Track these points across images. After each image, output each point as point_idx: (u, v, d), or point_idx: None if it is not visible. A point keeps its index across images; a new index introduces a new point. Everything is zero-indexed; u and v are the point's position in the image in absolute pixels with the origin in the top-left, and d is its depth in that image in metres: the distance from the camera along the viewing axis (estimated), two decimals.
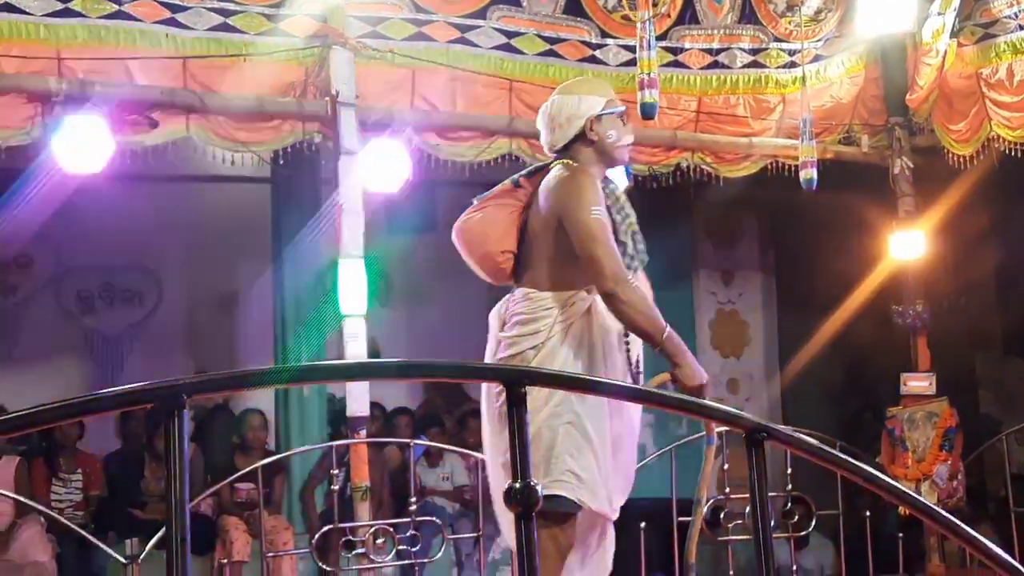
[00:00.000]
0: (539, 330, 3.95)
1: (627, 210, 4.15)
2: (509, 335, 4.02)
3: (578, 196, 3.95)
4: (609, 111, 4.14)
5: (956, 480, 7.14)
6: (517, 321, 4.01)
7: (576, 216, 3.92)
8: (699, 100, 7.42)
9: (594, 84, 4.36)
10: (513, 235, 4.16)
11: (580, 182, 4.00)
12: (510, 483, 2.01)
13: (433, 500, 7.95)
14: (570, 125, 4.13)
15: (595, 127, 4.11)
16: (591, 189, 3.98)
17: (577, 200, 3.94)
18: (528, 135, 7.00)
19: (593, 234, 3.87)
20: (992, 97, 7.01)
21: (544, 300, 3.98)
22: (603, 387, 2.52)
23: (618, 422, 3.98)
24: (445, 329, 10.10)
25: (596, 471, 3.91)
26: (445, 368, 2.29)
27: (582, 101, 4.14)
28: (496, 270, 4.22)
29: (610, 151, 4.15)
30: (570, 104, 4.15)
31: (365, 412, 6.43)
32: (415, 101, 6.74)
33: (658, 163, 7.33)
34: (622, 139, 4.17)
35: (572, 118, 4.12)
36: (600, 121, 4.12)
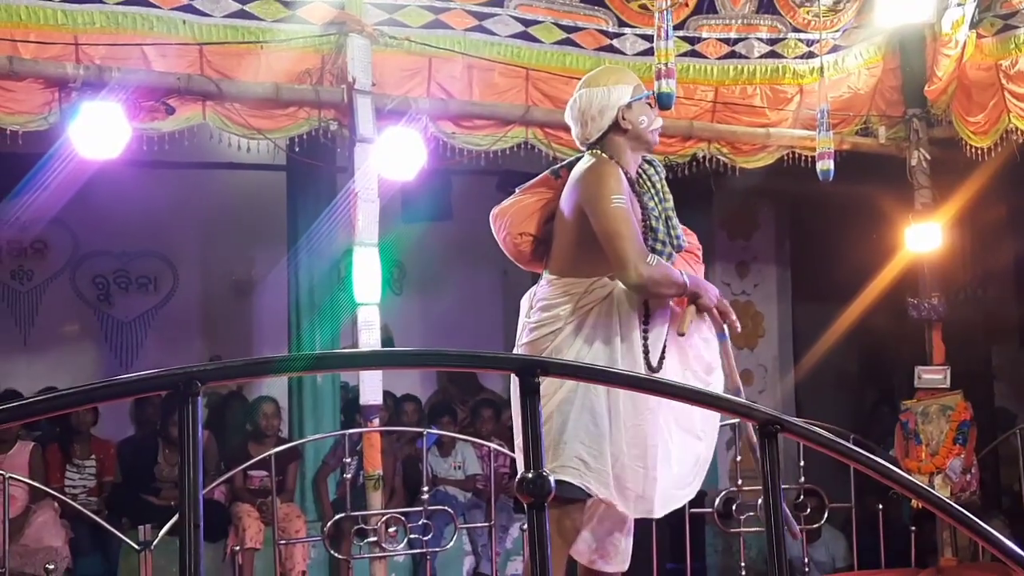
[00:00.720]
0: (558, 316, 4.01)
1: (663, 195, 4.22)
2: (532, 320, 4.09)
3: (599, 186, 3.99)
4: (638, 97, 4.20)
5: (969, 474, 7.12)
6: (540, 307, 4.08)
7: (597, 205, 3.97)
8: (716, 90, 7.39)
9: (619, 73, 4.38)
10: (535, 220, 4.24)
11: (602, 172, 4.04)
12: (521, 472, 2.01)
13: (445, 489, 7.96)
14: (603, 117, 4.17)
15: (627, 115, 4.16)
16: (613, 178, 4.01)
17: (598, 189, 3.99)
18: (544, 124, 6.99)
19: (614, 225, 3.93)
20: (1011, 89, 6.97)
21: (565, 286, 4.04)
22: (616, 378, 2.51)
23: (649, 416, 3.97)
24: (459, 317, 10.12)
25: (607, 459, 3.91)
26: (458, 357, 2.28)
27: (611, 91, 4.18)
28: (516, 251, 4.31)
29: (644, 136, 4.20)
30: (600, 96, 4.19)
31: (378, 400, 6.44)
32: (431, 89, 6.73)
33: (674, 153, 7.30)
34: (653, 123, 4.23)
35: (604, 109, 4.16)
36: (631, 108, 4.17)
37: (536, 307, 4.10)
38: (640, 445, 3.94)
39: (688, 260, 4.28)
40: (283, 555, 6.73)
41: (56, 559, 6.33)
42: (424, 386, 10.19)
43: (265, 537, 7.03)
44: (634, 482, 3.96)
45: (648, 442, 3.95)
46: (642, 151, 4.23)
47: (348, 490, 6.14)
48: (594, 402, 3.92)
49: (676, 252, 4.17)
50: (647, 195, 4.16)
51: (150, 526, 5.80)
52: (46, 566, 5.52)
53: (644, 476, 3.97)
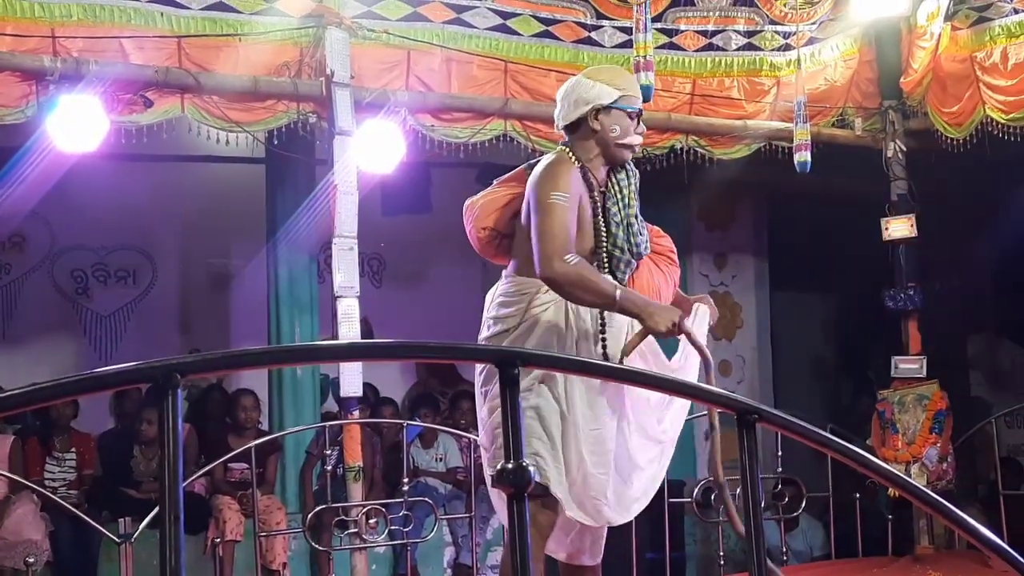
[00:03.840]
0: (510, 315, 3.95)
1: (628, 200, 4.09)
2: (490, 316, 4.04)
3: (545, 180, 3.92)
4: (620, 106, 4.05)
5: (946, 462, 7.18)
6: (497, 303, 4.03)
7: (535, 200, 3.90)
8: (694, 82, 7.42)
9: (616, 75, 4.22)
10: (498, 214, 4.17)
11: (554, 169, 3.96)
12: (502, 463, 2.02)
13: (426, 481, 7.97)
14: (575, 108, 4.07)
15: (600, 117, 4.04)
16: (562, 177, 3.92)
17: (543, 184, 3.91)
18: (523, 116, 7.01)
19: (543, 219, 3.84)
20: (986, 81, 7.02)
21: (520, 284, 3.98)
22: (594, 368, 2.53)
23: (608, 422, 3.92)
24: (439, 310, 10.11)
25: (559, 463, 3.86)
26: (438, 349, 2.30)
27: (595, 87, 4.07)
28: (479, 245, 4.29)
29: (609, 145, 4.06)
30: (584, 87, 4.09)
31: (358, 392, 6.45)
32: (410, 82, 6.74)
33: (652, 145, 7.33)
34: (625, 137, 4.07)
35: (580, 101, 4.07)
36: (608, 113, 4.04)
37: (495, 302, 4.05)
38: (600, 452, 3.90)
39: (659, 263, 4.19)
40: (264, 547, 6.73)
41: (36, 552, 6.30)
42: (404, 379, 10.19)
43: (245, 529, 7.03)
44: (597, 489, 3.93)
45: (608, 446, 3.91)
46: (606, 160, 4.09)
47: (329, 482, 6.14)
48: (542, 409, 3.85)
49: (635, 259, 4.06)
50: (611, 199, 4.05)
51: (130, 519, 5.80)
52: (26, 559, 5.51)
53: (607, 482, 3.94)
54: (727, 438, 7.47)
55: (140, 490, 7.42)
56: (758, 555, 2.24)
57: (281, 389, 7.96)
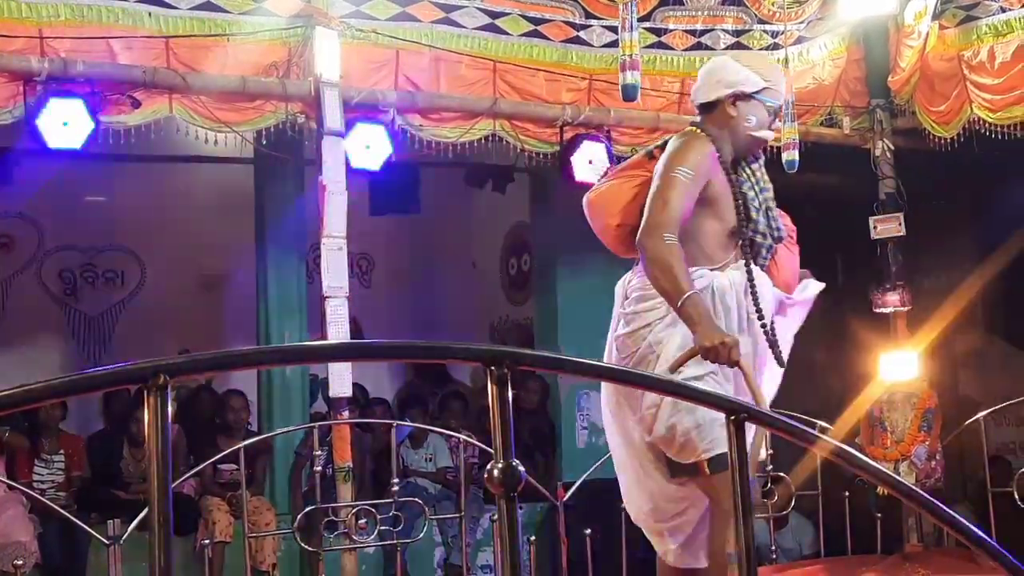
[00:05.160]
0: (657, 306, 3.83)
1: (763, 183, 4.02)
2: (628, 311, 3.92)
3: (675, 153, 3.83)
4: (762, 97, 3.96)
5: (934, 461, 7.19)
6: (635, 298, 3.91)
7: (660, 168, 3.81)
8: (682, 82, 7.42)
9: (766, 66, 4.10)
10: (630, 207, 3.99)
11: (687, 144, 3.87)
12: (493, 463, 2.02)
13: (415, 481, 7.97)
14: (715, 88, 3.99)
15: (738, 103, 3.96)
16: (693, 151, 3.83)
17: (672, 156, 3.82)
18: (512, 116, 7.01)
19: (658, 187, 3.75)
20: (973, 79, 7.04)
21: None
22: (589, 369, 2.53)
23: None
24: (428, 309, 10.12)
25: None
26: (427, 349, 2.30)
27: (741, 72, 3.97)
28: (614, 242, 4.13)
29: (741, 135, 3.97)
30: (730, 70, 4.00)
31: (347, 393, 6.45)
32: (399, 82, 6.73)
33: (640, 145, 7.31)
34: (759, 130, 3.98)
35: (722, 83, 3.98)
36: (748, 101, 3.96)
37: (631, 297, 3.92)
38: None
39: (788, 244, 4.12)
40: (253, 548, 6.73)
41: (24, 554, 6.27)
42: (393, 379, 10.19)
43: (235, 530, 7.03)
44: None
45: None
46: (737, 149, 4.00)
47: (318, 483, 6.14)
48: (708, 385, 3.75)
49: (776, 243, 3.99)
50: (746, 183, 3.96)
51: (119, 520, 5.78)
52: (14, 562, 5.48)
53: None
54: None
55: (129, 491, 7.42)
56: (747, 554, 2.25)
57: (270, 390, 7.96)
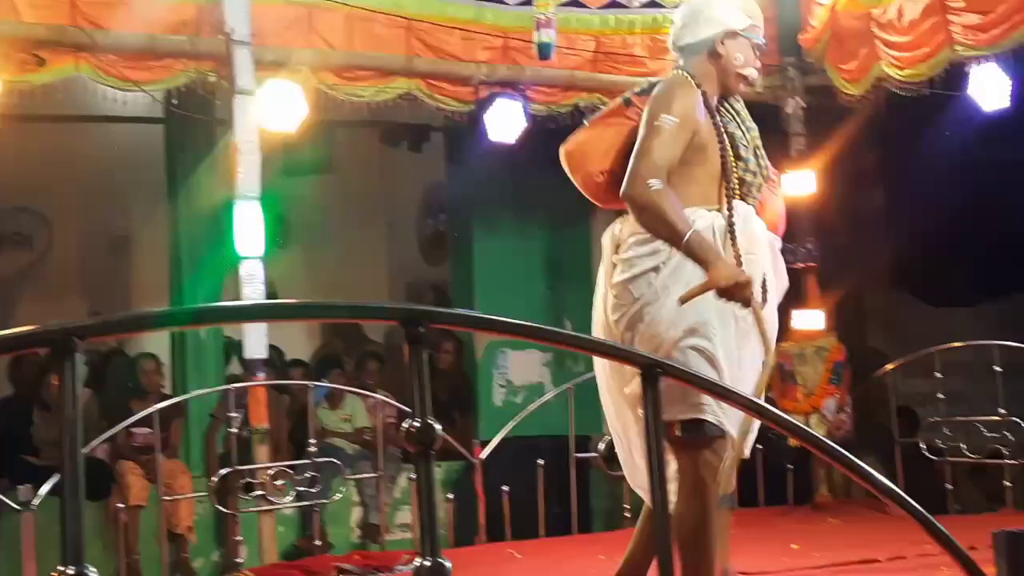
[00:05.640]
0: (659, 250, 3.72)
1: (748, 124, 3.95)
2: (627, 256, 3.79)
3: (660, 100, 3.74)
4: (748, 34, 3.89)
5: (844, 413, 7.35)
6: (634, 242, 3.79)
7: (646, 115, 3.73)
8: (597, 40, 7.43)
9: (749, 3, 4.00)
10: (614, 155, 3.89)
11: (673, 90, 3.78)
12: (409, 421, 2.02)
13: (333, 442, 7.95)
14: (704, 27, 3.88)
15: (727, 42, 3.87)
16: (679, 99, 3.75)
17: (657, 102, 3.74)
18: (427, 74, 6.97)
19: (643, 135, 3.68)
20: (882, 37, 7.11)
21: None
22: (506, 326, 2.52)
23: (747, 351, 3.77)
24: (344, 270, 10.07)
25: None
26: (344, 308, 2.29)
27: (728, 9, 3.89)
28: (597, 192, 4.00)
29: (729, 74, 3.89)
30: (717, 7, 3.90)
31: (263, 354, 6.41)
32: (312, 40, 6.65)
33: (556, 103, 7.34)
34: (746, 68, 3.90)
35: (711, 21, 3.88)
36: (735, 39, 3.88)
37: (630, 241, 3.79)
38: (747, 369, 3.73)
39: (770, 185, 4.05)
40: (168, 512, 6.67)
41: None
42: (309, 340, 10.14)
43: (150, 494, 6.96)
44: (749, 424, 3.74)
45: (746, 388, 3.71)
46: (723, 89, 3.91)
47: (234, 445, 6.11)
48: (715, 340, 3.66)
49: (766, 182, 3.93)
50: (732, 124, 3.88)
51: (30, 486, 5.70)
52: None
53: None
54: None
55: (41, 457, 7.31)
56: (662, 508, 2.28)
57: (184, 352, 7.88)
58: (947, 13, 6.75)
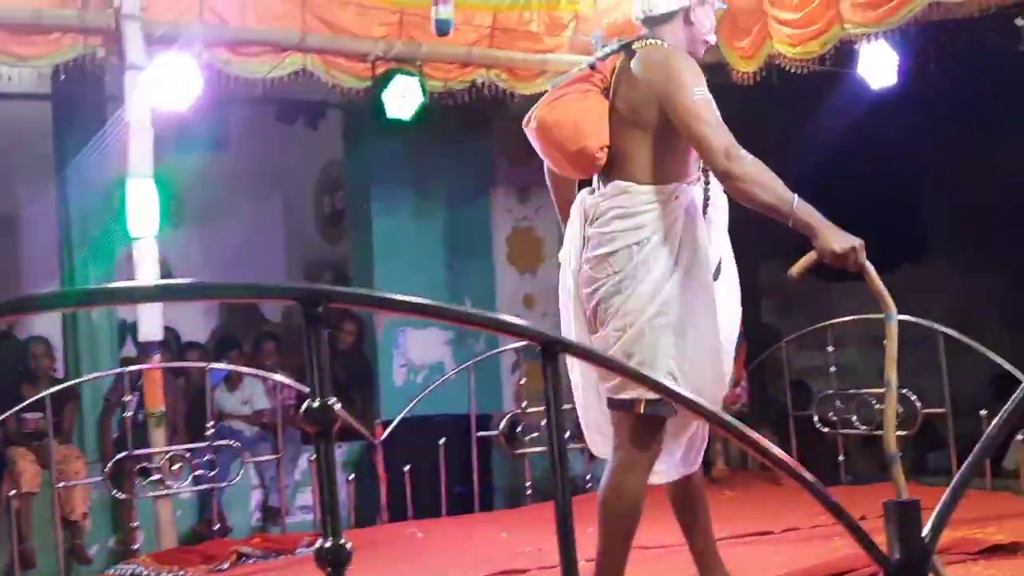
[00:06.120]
0: (642, 225, 3.71)
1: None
2: (605, 231, 3.76)
3: (680, 77, 3.68)
4: (712, 1, 3.91)
5: (740, 387, 7.46)
6: (615, 216, 3.75)
7: (677, 100, 3.64)
8: (494, 16, 7.41)
9: None
10: (607, 127, 3.81)
11: (680, 63, 3.73)
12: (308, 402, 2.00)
13: (230, 424, 7.87)
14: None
15: (698, 10, 3.87)
16: (692, 70, 3.71)
17: (679, 81, 3.66)
18: (322, 50, 6.90)
19: (697, 113, 3.61)
20: (774, 15, 7.18)
21: (645, 194, 3.73)
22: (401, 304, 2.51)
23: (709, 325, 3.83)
24: (240, 249, 9.95)
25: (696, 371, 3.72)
26: (239, 288, 2.25)
27: None
28: (590, 165, 3.87)
29: (698, 41, 3.91)
30: None
31: (158, 336, 6.31)
32: (204, 14, 6.54)
33: (453, 80, 7.32)
34: (710, 35, 3.94)
35: None
36: (703, 5, 3.88)
37: (609, 215, 3.76)
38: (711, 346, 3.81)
39: None
40: (62, 498, 6.54)
41: None
42: (207, 321, 10.02)
43: (43, 480, 6.83)
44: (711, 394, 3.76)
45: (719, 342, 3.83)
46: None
47: (130, 429, 6.01)
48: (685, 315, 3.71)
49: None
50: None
51: None
52: None
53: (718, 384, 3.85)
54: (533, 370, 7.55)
55: None
56: (562, 484, 2.29)
57: (76, 335, 7.74)
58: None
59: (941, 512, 2.34)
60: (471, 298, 8.79)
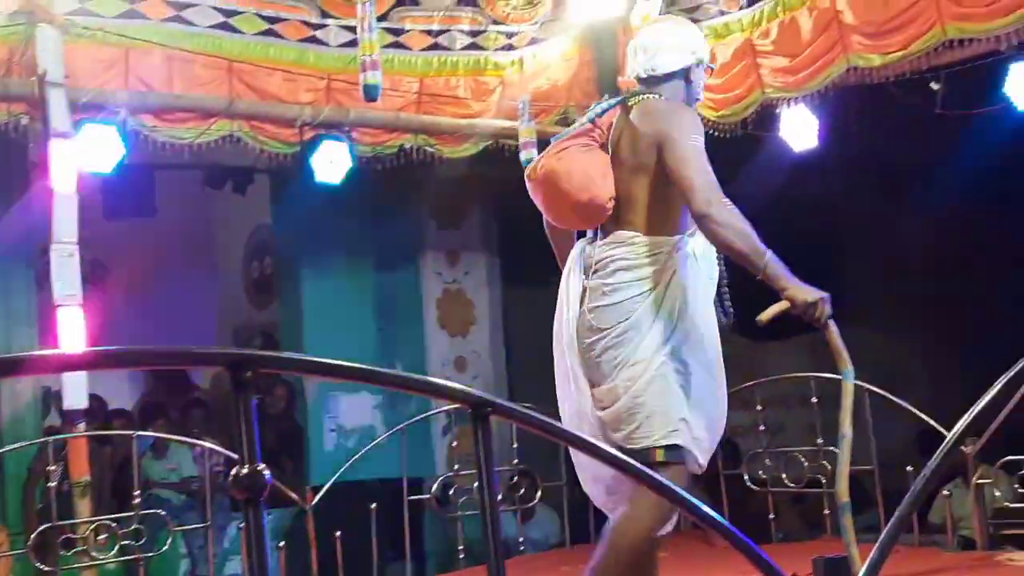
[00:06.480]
0: (646, 276, 3.78)
1: None
2: (609, 282, 3.81)
3: (679, 124, 3.79)
4: (708, 63, 4.05)
5: None
6: (620, 267, 3.81)
7: (673, 140, 3.74)
8: (421, 81, 7.47)
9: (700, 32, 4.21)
10: (612, 178, 3.88)
11: (684, 112, 3.87)
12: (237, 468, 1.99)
13: (158, 493, 7.74)
14: (684, 56, 3.97)
15: (695, 70, 4.01)
16: (694, 121, 3.84)
17: (678, 128, 3.77)
18: (249, 116, 6.90)
19: (688, 157, 3.71)
20: None
21: (651, 245, 3.81)
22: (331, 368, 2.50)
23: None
24: (168, 315, 9.85)
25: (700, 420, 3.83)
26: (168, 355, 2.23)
27: (699, 39, 4.04)
28: (598, 215, 3.90)
29: (693, 99, 4.04)
30: (691, 35, 4.03)
31: (83, 404, 6.21)
32: (130, 81, 6.52)
33: (381, 144, 7.35)
34: (702, 94, 4.10)
35: (687, 49, 3.98)
36: (699, 66, 4.02)
37: (612, 268, 3.82)
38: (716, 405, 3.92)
39: None
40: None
41: None
42: (133, 388, 9.88)
43: None
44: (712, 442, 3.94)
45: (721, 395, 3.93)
46: None
47: (54, 499, 5.89)
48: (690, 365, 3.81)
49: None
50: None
51: None
52: None
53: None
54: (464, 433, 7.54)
55: None
56: (495, 547, 2.29)
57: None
58: (757, 56, 7.03)
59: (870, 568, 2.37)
60: (402, 361, 8.77)
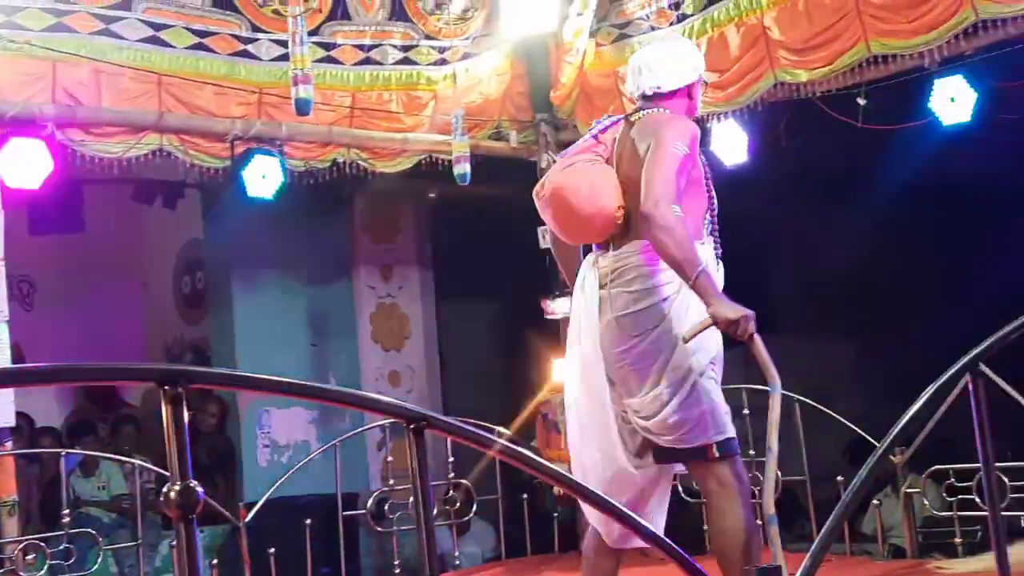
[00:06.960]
0: (666, 281, 3.88)
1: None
2: (632, 289, 3.92)
3: (669, 130, 3.89)
4: (707, 79, 4.24)
5: None
6: (638, 276, 3.91)
7: (657, 143, 3.85)
8: (353, 96, 7.46)
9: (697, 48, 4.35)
10: (619, 189, 3.99)
11: (678, 122, 3.97)
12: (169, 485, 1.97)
13: (88, 511, 7.63)
14: (688, 73, 4.10)
15: (696, 86, 4.14)
16: (688, 133, 3.90)
17: (667, 133, 3.87)
18: (179, 130, 6.84)
19: (659, 159, 3.80)
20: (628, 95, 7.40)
21: None
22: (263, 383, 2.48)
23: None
24: (97, 331, 9.71)
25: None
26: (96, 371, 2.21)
27: (697, 55, 4.19)
28: (608, 226, 4.00)
29: (693, 113, 4.15)
30: (694, 54, 4.18)
31: (10, 422, 6.11)
32: (57, 95, 6.44)
33: (314, 159, 7.32)
34: (700, 109, 4.23)
35: (691, 67, 4.11)
36: (699, 83, 4.16)
37: (629, 277, 3.93)
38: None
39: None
40: None
41: None
42: (61, 406, 9.72)
43: None
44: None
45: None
46: None
47: None
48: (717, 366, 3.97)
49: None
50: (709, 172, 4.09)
51: None
52: None
53: None
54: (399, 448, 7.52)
55: None
56: (430, 561, 2.29)
57: None
58: None
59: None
60: (336, 376, 8.72)
